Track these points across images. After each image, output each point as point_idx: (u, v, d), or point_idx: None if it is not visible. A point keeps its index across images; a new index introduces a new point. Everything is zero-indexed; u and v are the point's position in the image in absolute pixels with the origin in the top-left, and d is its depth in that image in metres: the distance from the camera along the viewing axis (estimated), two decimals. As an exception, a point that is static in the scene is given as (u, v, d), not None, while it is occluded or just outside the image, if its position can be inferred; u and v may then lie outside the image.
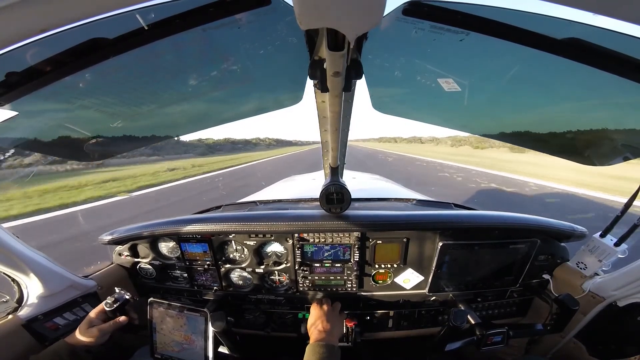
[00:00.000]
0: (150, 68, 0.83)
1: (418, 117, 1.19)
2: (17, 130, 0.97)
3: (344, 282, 1.54)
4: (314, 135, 8.82)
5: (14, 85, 0.71)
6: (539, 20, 0.66)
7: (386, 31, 0.71)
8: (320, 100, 0.82)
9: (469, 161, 24.42)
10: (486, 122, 1.19)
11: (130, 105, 0.97)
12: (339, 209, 1.37)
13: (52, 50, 0.67)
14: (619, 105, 0.91)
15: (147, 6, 0.60)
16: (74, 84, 0.78)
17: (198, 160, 29.57)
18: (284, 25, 0.70)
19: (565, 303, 1.25)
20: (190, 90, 0.96)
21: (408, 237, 1.44)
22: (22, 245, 1.20)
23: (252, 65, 0.89)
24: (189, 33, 0.68)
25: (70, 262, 1.39)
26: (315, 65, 0.65)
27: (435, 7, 0.64)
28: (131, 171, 19.17)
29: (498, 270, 1.49)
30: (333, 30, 0.46)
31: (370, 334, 1.67)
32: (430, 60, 0.84)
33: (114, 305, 1.19)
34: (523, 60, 0.78)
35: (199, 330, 1.31)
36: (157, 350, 1.36)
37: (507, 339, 1.28)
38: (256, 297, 1.63)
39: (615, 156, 1.08)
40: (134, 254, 1.65)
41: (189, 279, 1.63)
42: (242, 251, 1.56)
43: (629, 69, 0.70)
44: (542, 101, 0.98)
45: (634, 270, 1.20)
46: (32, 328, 1.22)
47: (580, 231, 1.53)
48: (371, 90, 0.98)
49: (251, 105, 1.13)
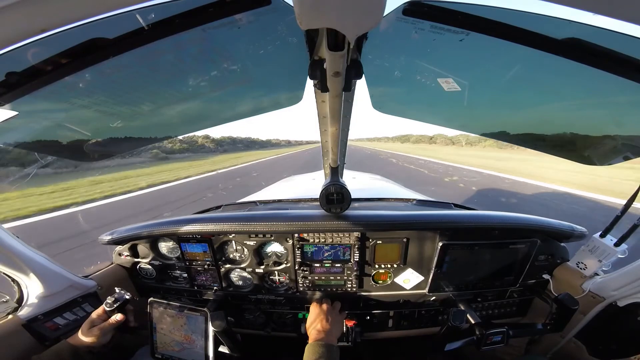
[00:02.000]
0: (150, 68, 0.83)
1: (418, 117, 1.19)
2: (17, 130, 0.97)
3: (344, 282, 1.54)
4: (306, 135, 8.32)
5: (14, 85, 0.71)
6: (539, 20, 0.66)
7: (386, 31, 0.71)
8: (320, 100, 0.82)
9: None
10: (486, 122, 1.19)
11: (130, 105, 0.97)
12: (339, 209, 1.37)
13: (52, 50, 0.67)
14: (619, 105, 0.91)
15: (147, 6, 0.60)
16: (74, 84, 0.78)
17: (147, 170, 21.13)
18: (284, 25, 0.70)
19: (565, 303, 1.25)
20: (190, 90, 0.96)
21: (408, 237, 1.44)
22: (22, 245, 1.20)
23: (252, 65, 0.89)
24: (189, 33, 0.68)
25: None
26: (315, 65, 0.65)
27: (435, 7, 0.64)
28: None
29: (498, 270, 1.49)
30: (333, 30, 0.46)
31: (370, 334, 1.67)
32: (430, 60, 0.84)
33: (114, 305, 1.19)
34: (523, 60, 0.78)
35: (199, 330, 1.31)
36: (157, 350, 1.36)
37: (507, 338, 1.28)
38: (256, 297, 1.63)
39: (615, 156, 1.08)
40: (134, 254, 1.65)
41: (189, 279, 1.63)
42: (242, 251, 1.56)
43: (629, 69, 0.70)
44: (542, 101, 0.98)
45: (634, 270, 1.20)
46: (32, 328, 1.22)
47: (580, 231, 1.53)
48: (371, 90, 0.98)
49: (251, 105, 1.13)
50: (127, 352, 1.47)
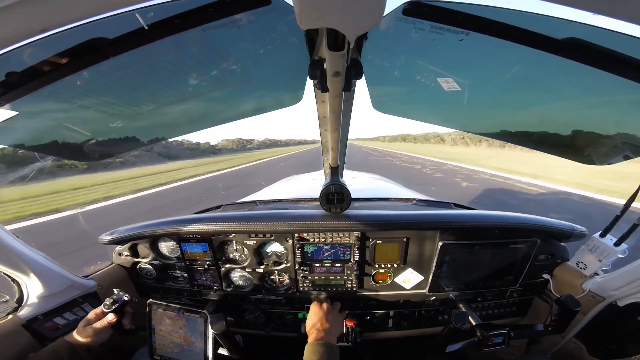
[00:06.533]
0: (150, 68, 0.83)
1: (418, 116, 1.19)
2: (18, 130, 0.97)
3: (344, 282, 1.54)
4: (300, 134, 8.61)
5: (14, 85, 0.71)
6: (539, 20, 0.66)
7: (386, 31, 0.71)
8: (320, 100, 0.82)
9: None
10: (486, 122, 1.19)
11: (130, 105, 0.97)
12: (339, 208, 1.37)
13: (52, 50, 0.67)
14: (619, 105, 0.91)
15: (147, 6, 0.60)
16: (74, 84, 0.78)
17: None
18: (284, 25, 0.70)
19: (567, 304, 1.24)
20: (190, 90, 0.96)
21: (408, 237, 1.44)
22: (22, 245, 1.20)
23: (252, 65, 0.89)
24: (189, 33, 0.68)
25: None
26: (315, 65, 0.65)
27: (435, 7, 0.64)
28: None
29: (498, 270, 1.49)
30: (333, 30, 0.46)
31: (370, 334, 1.67)
32: (430, 60, 0.84)
33: (112, 306, 1.19)
34: (523, 60, 0.78)
35: (198, 332, 1.30)
36: (156, 351, 1.35)
37: (508, 340, 1.27)
38: (256, 297, 1.63)
39: (615, 155, 1.08)
40: (134, 253, 1.65)
41: (189, 278, 1.63)
42: (242, 251, 1.56)
43: (629, 69, 0.70)
44: (542, 101, 0.98)
45: (634, 270, 1.20)
46: (32, 328, 1.22)
47: (580, 231, 1.53)
48: (371, 90, 0.98)
49: (251, 105, 1.13)
50: (127, 353, 1.47)
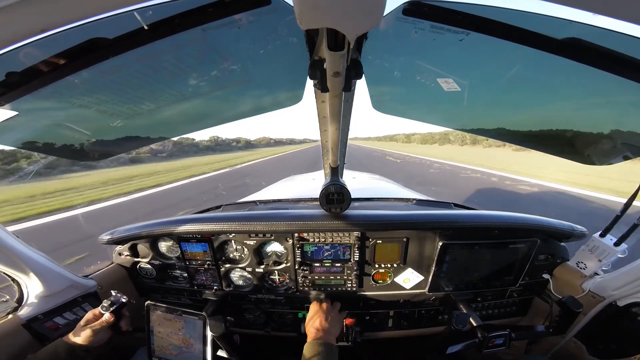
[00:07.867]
0: (150, 68, 0.83)
1: (418, 117, 1.19)
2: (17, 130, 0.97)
3: (344, 281, 1.54)
4: (295, 133, 8.78)
5: (14, 85, 0.71)
6: (539, 20, 0.66)
7: (386, 31, 0.71)
8: (320, 100, 0.82)
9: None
10: (486, 122, 1.19)
11: (130, 105, 0.97)
12: (339, 208, 1.37)
13: (52, 50, 0.67)
14: (619, 105, 0.91)
15: (147, 6, 0.60)
16: (74, 84, 0.78)
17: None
18: (284, 25, 0.70)
19: (568, 305, 1.24)
20: (190, 90, 0.96)
21: (408, 237, 1.44)
22: (22, 245, 1.20)
23: (252, 65, 0.89)
24: (189, 33, 0.68)
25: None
26: (315, 65, 0.65)
27: (435, 7, 0.64)
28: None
29: (498, 270, 1.49)
30: (333, 30, 0.46)
31: (370, 334, 1.67)
32: (430, 60, 0.84)
33: (110, 308, 1.19)
34: (523, 60, 0.78)
35: (197, 334, 1.30)
36: (154, 353, 1.35)
37: (509, 341, 1.27)
38: (256, 297, 1.63)
39: (615, 155, 1.08)
40: (134, 253, 1.65)
41: (189, 278, 1.63)
42: (242, 251, 1.56)
43: (629, 69, 0.70)
44: (542, 101, 0.98)
45: (634, 270, 1.20)
46: (32, 328, 1.22)
47: (580, 231, 1.53)
48: (371, 90, 0.98)
49: (251, 105, 1.13)
50: (126, 354, 1.47)
